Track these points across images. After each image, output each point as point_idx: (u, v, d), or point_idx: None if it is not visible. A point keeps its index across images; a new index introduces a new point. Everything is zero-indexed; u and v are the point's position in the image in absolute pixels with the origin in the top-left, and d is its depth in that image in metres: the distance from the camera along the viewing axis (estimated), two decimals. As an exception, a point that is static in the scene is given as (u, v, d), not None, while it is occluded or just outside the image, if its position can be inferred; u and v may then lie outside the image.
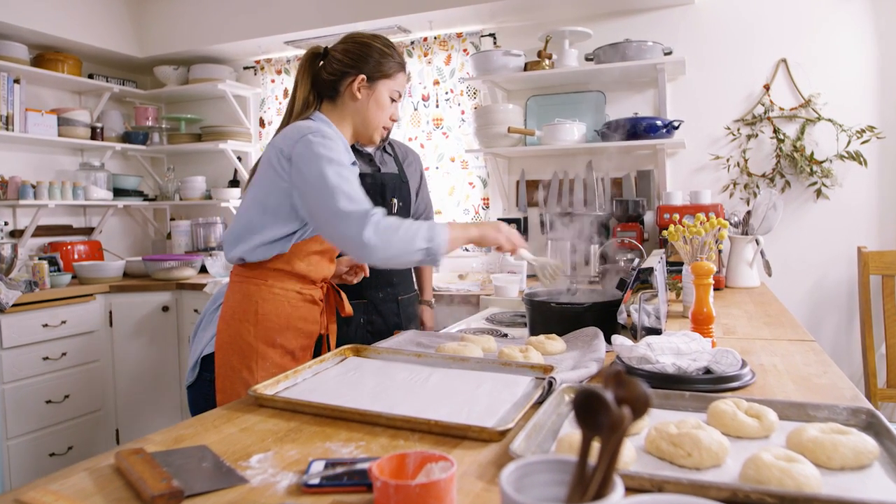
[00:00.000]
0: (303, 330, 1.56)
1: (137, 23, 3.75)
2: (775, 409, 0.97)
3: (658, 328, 1.52)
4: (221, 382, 1.49)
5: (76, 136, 3.43)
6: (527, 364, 1.23)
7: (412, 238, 1.33)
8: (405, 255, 1.33)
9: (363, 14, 3.18)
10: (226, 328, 1.50)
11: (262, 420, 1.02)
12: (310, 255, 1.52)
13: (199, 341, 1.58)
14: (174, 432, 0.97)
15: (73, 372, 3.04)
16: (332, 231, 1.37)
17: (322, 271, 1.58)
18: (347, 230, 1.32)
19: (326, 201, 1.34)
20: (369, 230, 1.30)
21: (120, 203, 3.72)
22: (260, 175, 1.48)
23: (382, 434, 0.95)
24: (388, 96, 1.56)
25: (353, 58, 1.53)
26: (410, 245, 1.32)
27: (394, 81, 1.57)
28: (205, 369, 1.54)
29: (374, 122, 1.57)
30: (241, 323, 1.49)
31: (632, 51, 2.79)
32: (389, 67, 1.55)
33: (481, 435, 0.91)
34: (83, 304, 3.09)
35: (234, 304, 1.52)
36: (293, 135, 1.43)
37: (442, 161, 3.45)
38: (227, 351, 1.49)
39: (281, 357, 1.52)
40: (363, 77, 1.52)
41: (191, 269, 3.42)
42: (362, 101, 1.54)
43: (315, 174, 1.36)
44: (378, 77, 1.54)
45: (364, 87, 1.53)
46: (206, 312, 1.61)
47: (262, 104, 3.90)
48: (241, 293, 1.51)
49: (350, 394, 1.13)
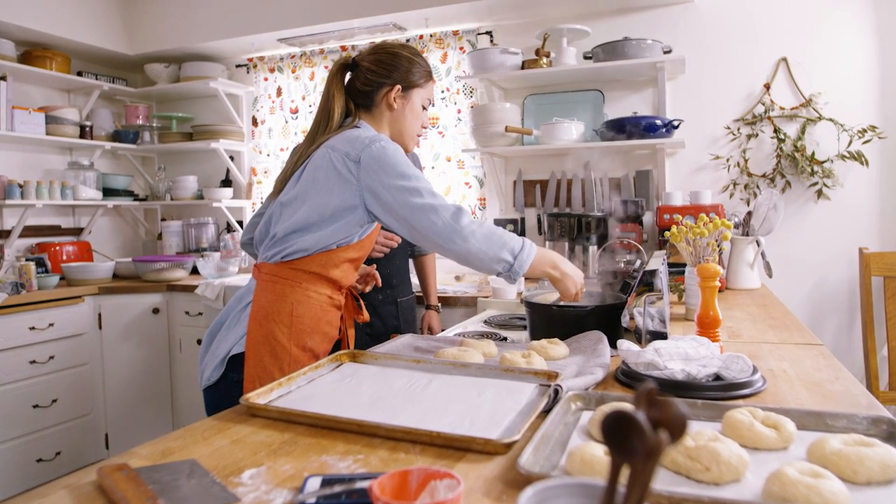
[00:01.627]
0: (328, 334, 1.57)
1: (127, 19, 3.69)
2: (791, 417, 0.93)
3: (663, 332, 1.48)
4: (252, 384, 1.46)
5: (64, 135, 3.37)
6: (530, 370, 1.19)
7: (501, 246, 1.39)
8: (487, 258, 1.39)
9: (358, 11, 3.13)
10: (258, 328, 1.49)
11: (254, 431, 0.97)
12: (344, 263, 1.53)
13: (224, 340, 1.54)
14: (161, 444, 0.92)
15: (61, 375, 2.98)
16: (420, 223, 1.39)
17: (350, 279, 1.60)
18: (440, 219, 1.37)
19: (411, 197, 1.39)
20: (466, 219, 1.38)
21: (109, 203, 3.65)
22: (318, 181, 1.46)
23: (381, 446, 0.90)
24: (420, 104, 1.62)
25: (387, 68, 1.57)
26: (498, 252, 1.39)
27: (425, 90, 1.63)
28: (231, 370, 1.51)
29: (409, 130, 1.62)
30: (275, 323, 1.48)
31: (631, 49, 2.75)
32: (420, 77, 1.60)
33: (486, 447, 0.87)
34: (71, 306, 3.02)
35: (266, 303, 1.50)
36: (358, 140, 1.45)
37: (438, 161, 3.40)
38: (258, 351, 1.48)
39: (308, 360, 1.51)
40: (399, 87, 1.57)
41: (182, 270, 3.36)
42: (399, 111, 1.59)
43: (394, 174, 1.41)
44: (412, 86, 1.59)
45: (399, 97, 1.58)
46: (232, 311, 1.59)
47: (254, 103, 3.84)
48: (274, 293, 1.50)
49: (346, 402, 1.08)
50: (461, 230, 1.37)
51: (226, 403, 1.50)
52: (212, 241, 3.80)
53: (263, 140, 3.83)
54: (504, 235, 1.41)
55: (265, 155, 3.84)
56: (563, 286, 1.51)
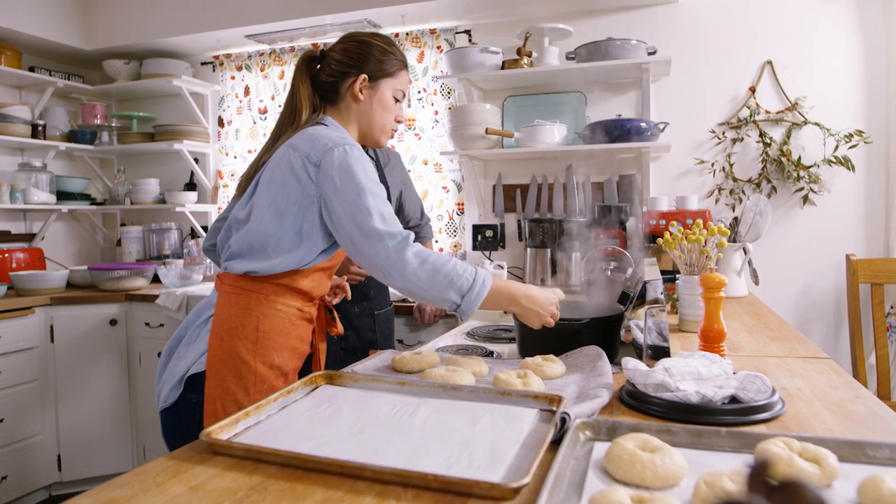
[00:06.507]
0: (298, 350, 1.45)
1: (85, 12, 3.47)
2: (829, 448, 0.83)
3: (664, 346, 1.37)
4: (212, 406, 1.34)
5: (15, 134, 3.15)
6: (529, 393, 1.07)
7: (447, 285, 1.26)
8: (431, 297, 1.28)
9: (331, 7, 2.99)
10: (219, 344, 1.36)
11: (217, 473, 0.83)
12: (315, 273, 1.41)
13: (183, 358, 1.41)
14: (105, 494, 0.77)
15: (8, 393, 2.76)
16: (363, 248, 1.29)
17: (322, 289, 1.47)
18: (383, 248, 1.26)
19: (362, 217, 1.28)
20: (410, 252, 1.26)
21: (64, 207, 3.43)
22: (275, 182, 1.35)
23: (368, 491, 0.77)
24: (391, 96, 1.50)
25: (352, 57, 1.45)
26: (443, 292, 1.26)
27: (397, 80, 1.51)
28: (189, 390, 1.37)
29: (379, 123, 1.50)
30: (238, 339, 1.35)
31: (615, 50, 2.67)
32: (391, 65, 1.49)
33: (491, 492, 0.74)
34: (20, 317, 2.81)
35: (228, 317, 1.37)
36: (321, 141, 1.34)
37: (414, 164, 3.27)
38: (220, 369, 1.35)
39: (276, 379, 1.39)
40: (364, 77, 1.46)
41: (142, 278, 3.17)
42: (365, 103, 1.48)
43: (350, 188, 1.29)
44: (380, 76, 1.48)
45: (366, 88, 1.47)
46: (191, 326, 1.46)
47: (220, 102, 3.67)
48: (237, 306, 1.37)
49: (324, 433, 0.95)
50: (402, 266, 1.25)
51: (183, 428, 1.38)
52: (174, 248, 3.60)
53: (230, 141, 3.66)
54: (452, 273, 1.26)
55: (232, 157, 3.66)
56: (527, 320, 1.37)
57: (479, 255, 3.01)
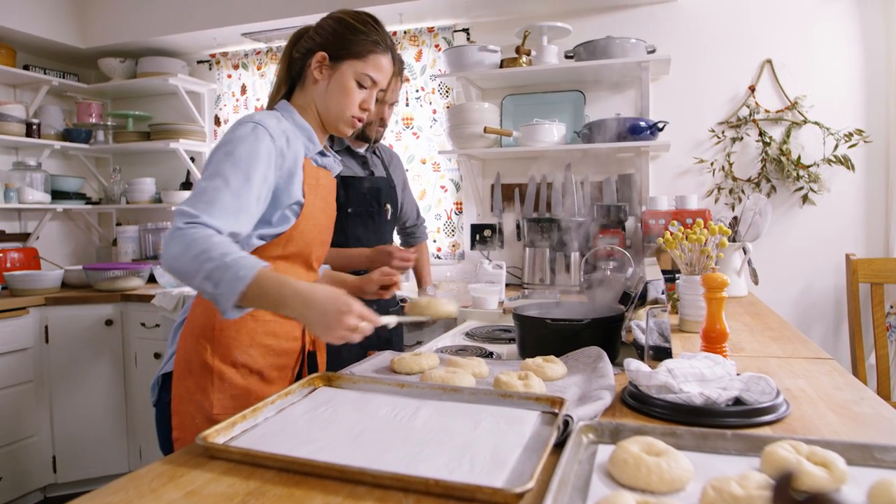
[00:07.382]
0: (272, 347, 1.37)
1: (80, 10, 3.44)
2: (836, 450, 0.81)
3: (666, 347, 1.36)
4: (177, 405, 1.34)
5: (9, 133, 3.12)
6: (531, 395, 1.05)
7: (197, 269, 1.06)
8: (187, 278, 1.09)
9: (328, 4, 2.97)
10: (184, 344, 1.35)
11: (213, 479, 0.81)
12: (274, 261, 1.31)
13: (164, 358, 1.43)
14: (98, 500, 0.75)
15: (3, 394, 2.73)
16: None
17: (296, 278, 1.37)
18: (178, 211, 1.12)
19: (201, 180, 1.19)
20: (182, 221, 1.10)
21: (59, 206, 3.40)
22: None
23: (367, 496, 0.75)
24: (353, 79, 1.33)
25: (320, 33, 1.35)
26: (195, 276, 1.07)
27: (364, 63, 1.33)
28: (164, 389, 1.38)
29: (336, 109, 1.35)
30: (198, 338, 1.33)
31: (614, 48, 2.66)
32: (358, 46, 1.33)
33: (494, 498, 0.73)
34: (15, 318, 2.78)
35: (194, 316, 1.36)
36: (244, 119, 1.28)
37: (412, 163, 3.25)
38: (182, 370, 1.34)
39: (244, 378, 1.33)
40: (324, 55, 1.33)
41: (138, 278, 3.14)
42: (322, 84, 1.34)
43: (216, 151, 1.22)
44: (344, 56, 1.32)
45: (326, 67, 1.33)
46: (174, 327, 1.45)
47: (217, 101, 3.64)
48: (202, 304, 1.34)
49: (322, 437, 0.93)
50: (170, 233, 1.09)
51: (161, 427, 1.39)
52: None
53: (227, 140, 3.63)
54: (209, 257, 1.05)
55: (229, 156, 3.63)
56: (312, 329, 1.09)
57: (478, 254, 2.99)
